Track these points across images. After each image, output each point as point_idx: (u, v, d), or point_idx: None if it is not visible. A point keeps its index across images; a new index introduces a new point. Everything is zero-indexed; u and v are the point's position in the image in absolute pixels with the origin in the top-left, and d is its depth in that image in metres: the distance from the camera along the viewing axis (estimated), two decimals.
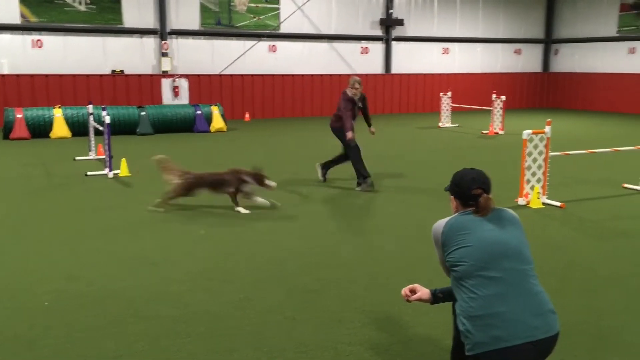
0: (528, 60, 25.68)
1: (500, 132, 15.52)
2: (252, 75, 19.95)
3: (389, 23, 22.03)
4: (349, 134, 8.29)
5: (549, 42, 25.73)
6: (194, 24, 19.34)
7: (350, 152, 8.51)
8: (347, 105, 8.36)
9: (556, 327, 2.51)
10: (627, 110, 22.17)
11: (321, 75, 21.14)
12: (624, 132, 15.73)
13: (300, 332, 3.90)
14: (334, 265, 5.27)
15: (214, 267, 5.18)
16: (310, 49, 21.24)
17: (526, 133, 7.48)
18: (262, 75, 20.14)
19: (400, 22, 22.13)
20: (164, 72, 18.63)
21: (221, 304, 4.35)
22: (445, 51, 23.72)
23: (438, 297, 2.93)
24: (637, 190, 8.35)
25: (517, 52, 25.31)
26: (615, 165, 10.23)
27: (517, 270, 2.55)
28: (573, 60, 25.02)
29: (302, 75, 20.83)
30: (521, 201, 7.57)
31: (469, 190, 2.78)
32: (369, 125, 9.00)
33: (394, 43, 22.55)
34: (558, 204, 7.47)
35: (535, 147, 7.56)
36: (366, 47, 22.21)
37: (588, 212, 7.22)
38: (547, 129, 7.61)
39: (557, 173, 8.75)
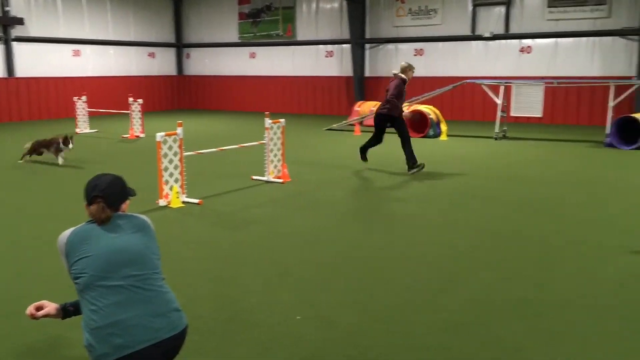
0: (163, 64, 26.29)
1: (142, 135, 15.54)
2: None
3: (6, 22, 19.80)
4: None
5: (180, 46, 26.80)
6: None
7: (406, 138, 9.99)
8: (402, 90, 9.87)
9: (181, 324, 2.60)
10: (252, 109, 24.63)
11: None
12: (248, 129, 17.43)
13: None
14: None
15: None
16: None
17: (159, 135, 7.63)
18: None
19: (20, 21, 20.11)
20: None
21: None
22: (76, 53, 22.54)
23: (69, 310, 2.75)
24: (263, 181, 9.34)
25: (151, 55, 25.66)
26: (243, 159, 11.26)
27: (139, 275, 2.56)
28: (204, 63, 26.63)
29: None
30: (162, 202, 7.70)
31: (89, 197, 2.69)
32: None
33: (15, 44, 20.38)
34: (196, 201, 7.86)
35: (170, 148, 7.78)
36: None
37: (223, 205, 7.78)
38: (179, 130, 7.91)
39: (194, 172, 9.20)
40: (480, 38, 22.30)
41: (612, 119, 14.59)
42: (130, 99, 15.84)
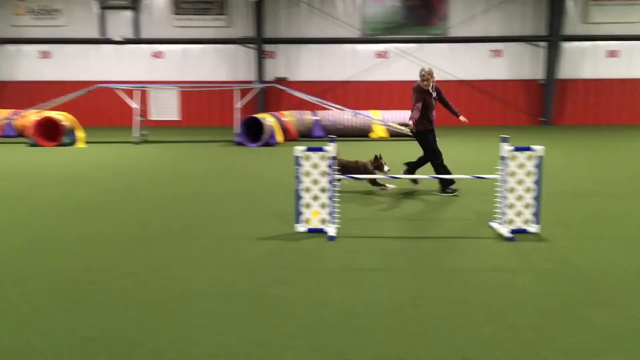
0: None
1: None
2: None
3: None
4: (411, 122, 7.67)
5: None
6: None
7: (428, 155, 8.09)
8: (418, 97, 7.79)
9: None
10: None
11: None
12: None
13: None
14: None
15: None
16: None
17: None
18: None
19: None
20: None
21: None
22: None
23: None
24: None
25: None
26: None
27: None
28: None
29: None
30: None
31: None
32: (457, 115, 8.24)
33: None
34: None
35: None
36: None
37: None
38: None
39: None
40: (110, 42, 21.86)
41: (240, 119, 16.03)
42: None
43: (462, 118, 8.37)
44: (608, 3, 24.41)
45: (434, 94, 8.04)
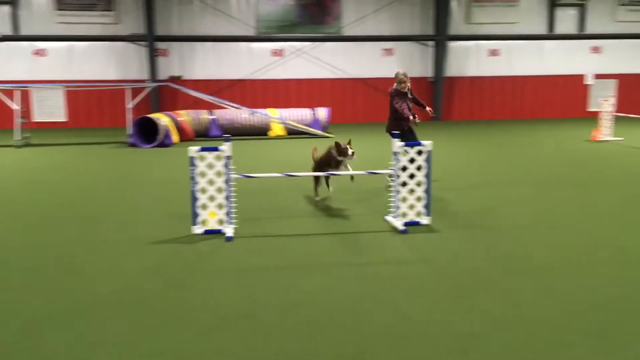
0: None
1: None
2: None
3: None
4: (410, 119, 8.07)
5: None
6: None
7: None
8: (399, 100, 8.09)
9: None
10: None
11: None
12: None
13: None
14: None
15: None
16: None
17: None
18: None
19: None
20: None
21: None
22: None
23: None
24: None
25: None
26: None
27: None
28: None
29: None
30: None
31: None
32: (424, 107, 8.56)
33: None
34: None
35: None
36: None
37: None
38: None
39: None
40: None
41: (133, 119, 15.43)
42: None
43: (428, 109, 8.70)
44: (488, 4, 25.90)
45: (410, 96, 8.36)
